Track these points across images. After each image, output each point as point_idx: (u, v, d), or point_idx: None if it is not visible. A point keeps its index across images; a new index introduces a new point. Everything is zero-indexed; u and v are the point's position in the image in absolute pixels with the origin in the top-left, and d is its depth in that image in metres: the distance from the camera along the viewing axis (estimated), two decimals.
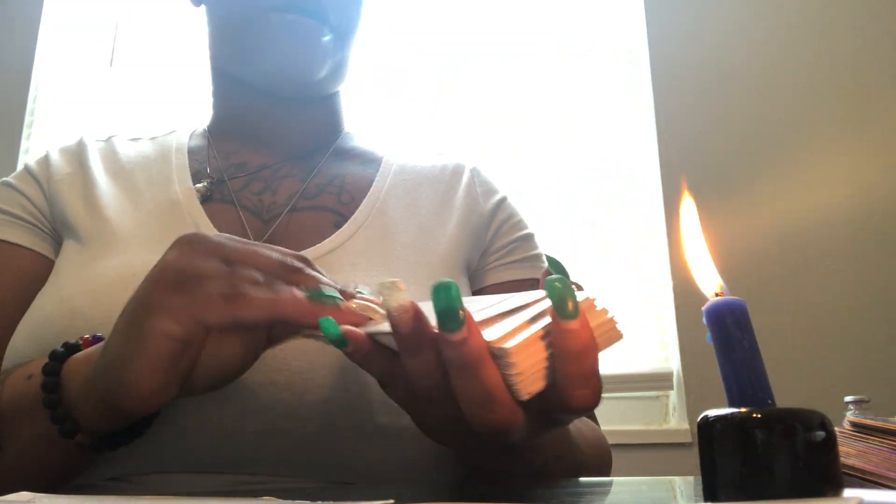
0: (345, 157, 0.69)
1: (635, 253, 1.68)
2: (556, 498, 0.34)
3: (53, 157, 0.65)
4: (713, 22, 1.76)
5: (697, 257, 0.33)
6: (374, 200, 0.64)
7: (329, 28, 0.62)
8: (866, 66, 1.68)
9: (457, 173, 0.69)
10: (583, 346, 0.32)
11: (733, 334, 0.29)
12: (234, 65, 0.66)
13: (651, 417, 1.60)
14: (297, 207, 0.62)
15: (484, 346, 0.31)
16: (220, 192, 0.63)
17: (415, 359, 0.34)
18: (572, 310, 0.32)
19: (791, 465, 0.26)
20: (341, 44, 0.65)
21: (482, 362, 0.31)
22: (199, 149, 0.68)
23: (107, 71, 1.98)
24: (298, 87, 0.66)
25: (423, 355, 0.34)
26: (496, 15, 1.88)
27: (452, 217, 0.64)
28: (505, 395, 0.32)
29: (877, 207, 1.59)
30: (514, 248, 0.66)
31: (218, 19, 0.66)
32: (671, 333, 1.61)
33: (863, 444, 0.59)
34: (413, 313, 0.33)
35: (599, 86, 1.79)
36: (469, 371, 0.31)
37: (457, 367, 0.32)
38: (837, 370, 1.50)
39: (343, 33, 0.64)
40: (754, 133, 1.67)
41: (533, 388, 0.32)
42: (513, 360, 0.31)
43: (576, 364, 0.32)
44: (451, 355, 0.32)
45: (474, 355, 0.31)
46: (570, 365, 0.32)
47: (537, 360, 0.32)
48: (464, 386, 0.32)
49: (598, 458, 0.57)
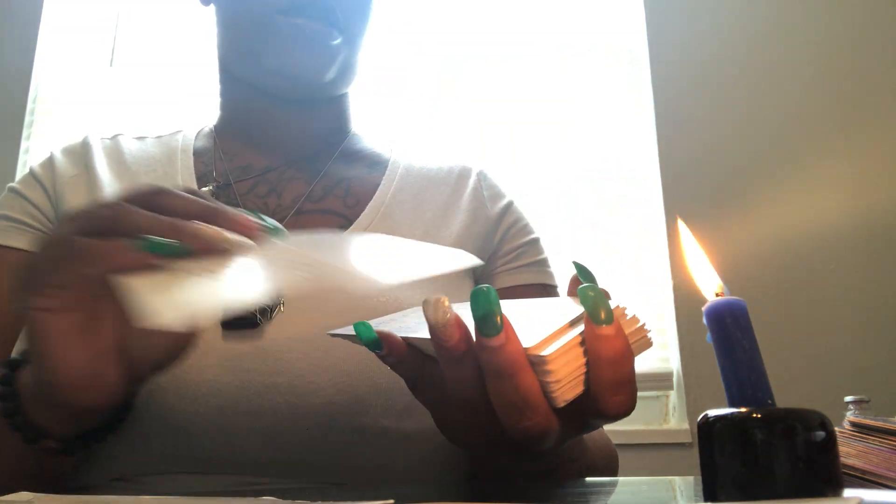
0: (351, 159, 0.69)
1: (635, 254, 1.68)
2: (557, 498, 0.34)
3: (58, 158, 0.64)
4: (713, 22, 1.76)
5: (698, 266, 0.33)
6: (380, 204, 0.64)
7: (338, 31, 0.62)
8: (868, 67, 1.68)
9: (463, 176, 0.69)
10: (618, 353, 0.32)
11: (733, 334, 0.29)
12: (241, 66, 0.66)
13: (651, 417, 1.60)
14: (303, 210, 0.62)
15: (522, 353, 0.31)
16: (226, 195, 0.62)
17: (455, 369, 0.34)
18: (606, 317, 0.32)
19: (791, 466, 0.26)
20: (350, 46, 0.64)
21: (519, 368, 0.31)
22: (205, 150, 0.67)
23: (107, 71, 1.98)
24: (306, 90, 0.65)
25: (463, 365, 0.34)
26: (496, 15, 1.88)
27: (457, 220, 0.64)
28: (542, 401, 0.32)
29: (878, 208, 1.59)
30: (522, 253, 0.66)
31: (226, 20, 0.66)
32: (671, 333, 1.61)
33: (863, 444, 0.59)
34: (459, 330, 0.33)
35: (599, 86, 1.79)
36: (506, 377, 0.31)
37: (494, 372, 0.32)
38: (837, 370, 1.50)
39: (352, 36, 0.64)
40: (755, 134, 1.67)
41: (570, 396, 0.32)
42: (550, 367, 0.31)
43: (611, 371, 0.32)
44: (489, 361, 0.32)
45: (512, 361, 0.31)
46: (605, 371, 0.32)
47: (574, 368, 0.32)
48: (500, 392, 0.32)
49: (606, 460, 0.57)
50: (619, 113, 1.77)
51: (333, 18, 0.61)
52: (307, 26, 0.60)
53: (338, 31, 0.62)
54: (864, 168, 1.62)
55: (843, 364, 1.51)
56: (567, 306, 0.35)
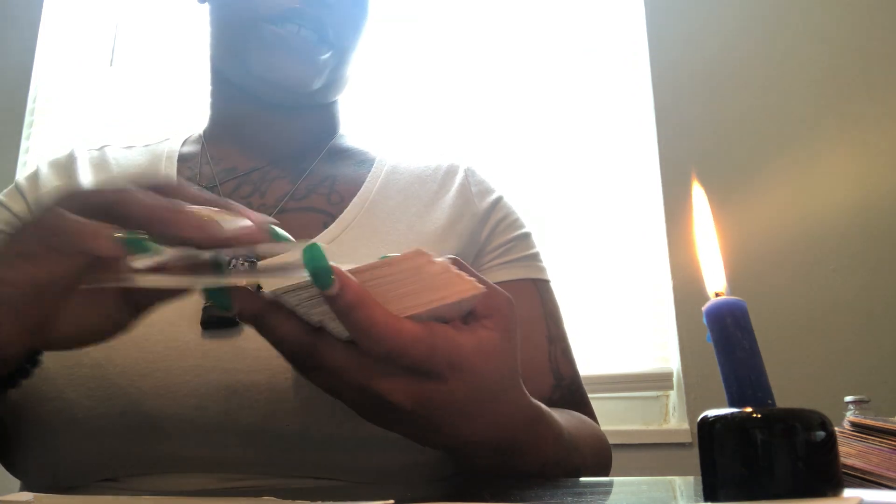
0: (338, 157, 0.69)
1: (635, 253, 1.68)
2: (556, 498, 0.34)
3: (43, 171, 0.65)
4: (714, 22, 1.76)
5: (708, 251, 0.32)
6: (364, 200, 0.64)
7: (328, 45, 0.62)
8: (869, 67, 1.68)
9: (450, 173, 0.68)
10: (346, 306, 0.34)
11: (733, 334, 0.29)
12: (230, 68, 0.66)
13: (651, 417, 1.60)
14: (286, 209, 0.62)
15: (359, 289, 0.34)
16: None
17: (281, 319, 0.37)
18: (323, 276, 0.34)
19: (791, 465, 0.26)
20: (339, 59, 0.64)
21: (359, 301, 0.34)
22: (192, 155, 0.68)
23: (107, 71, 1.98)
24: (293, 97, 0.66)
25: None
26: (496, 15, 1.88)
27: (442, 216, 0.64)
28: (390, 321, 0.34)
29: (878, 207, 1.59)
30: (511, 248, 0.66)
31: (218, 21, 0.66)
32: (671, 333, 1.61)
33: (863, 444, 0.59)
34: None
35: (599, 87, 1.79)
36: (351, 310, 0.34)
37: (342, 313, 0.34)
38: (837, 370, 1.51)
39: (342, 49, 0.64)
40: (755, 134, 1.67)
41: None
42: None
43: (347, 320, 0.34)
44: (335, 308, 0.34)
45: (354, 298, 0.34)
46: (349, 328, 0.35)
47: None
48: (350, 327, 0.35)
49: (597, 460, 0.56)
50: (618, 114, 1.77)
51: (323, 32, 0.61)
52: (294, 36, 0.60)
53: (328, 45, 0.62)
54: (865, 170, 1.62)
55: (843, 364, 1.51)
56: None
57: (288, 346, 0.37)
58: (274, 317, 0.37)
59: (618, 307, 1.64)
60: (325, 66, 0.63)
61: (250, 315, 0.37)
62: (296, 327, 0.37)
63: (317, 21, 0.61)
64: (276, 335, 0.37)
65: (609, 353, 1.61)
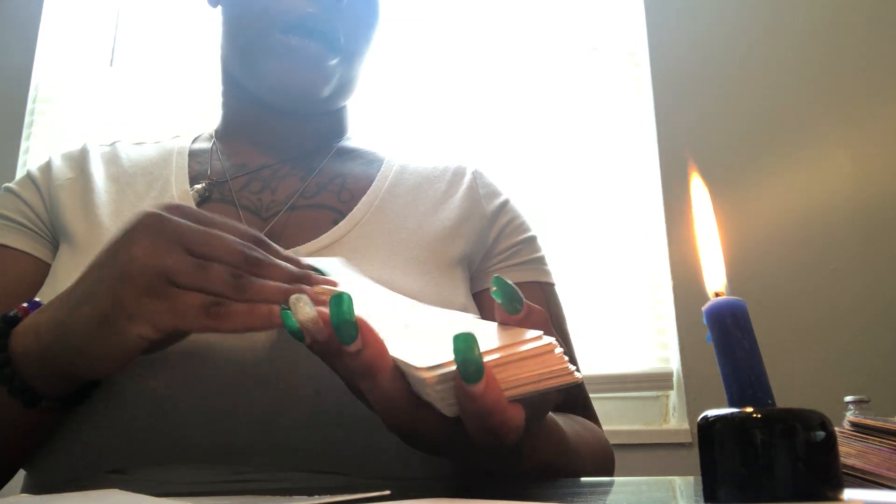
0: (347, 157, 0.70)
1: (635, 253, 1.68)
2: (556, 498, 0.34)
3: (55, 162, 0.65)
4: (714, 22, 1.76)
5: (708, 241, 0.32)
6: (374, 198, 0.64)
7: (337, 51, 0.63)
8: (870, 68, 1.68)
9: (458, 175, 0.69)
10: (482, 410, 0.31)
11: (733, 334, 0.29)
12: (241, 73, 0.67)
13: (651, 417, 1.60)
14: (297, 206, 0.63)
15: (382, 355, 0.33)
16: (220, 192, 0.63)
17: (336, 364, 0.37)
18: (474, 375, 0.30)
19: (791, 466, 0.26)
20: (348, 65, 0.65)
21: (378, 371, 0.33)
22: (202, 151, 0.68)
23: (107, 71, 1.98)
24: (302, 104, 0.66)
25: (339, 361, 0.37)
26: (496, 16, 1.88)
27: (450, 216, 0.64)
28: (403, 402, 0.34)
29: (878, 206, 1.59)
30: (517, 251, 0.66)
31: (230, 26, 0.66)
32: (671, 333, 1.61)
33: (863, 444, 0.59)
34: (328, 328, 0.35)
35: (600, 87, 1.79)
36: (367, 378, 0.34)
37: (358, 374, 0.34)
38: (837, 370, 1.51)
39: (351, 55, 0.65)
40: (755, 133, 1.67)
41: (450, 413, 0.33)
42: (431, 389, 0.32)
43: (477, 423, 0.32)
44: (351, 364, 0.34)
45: (369, 365, 0.33)
46: (471, 422, 0.33)
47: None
48: (365, 390, 0.34)
49: (598, 463, 0.56)
50: (619, 114, 1.77)
51: (334, 39, 0.62)
52: (304, 48, 0.61)
53: (337, 51, 0.62)
54: (865, 170, 1.62)
55: (843, 364, 1.51)
56: (485, 330, 0.35)
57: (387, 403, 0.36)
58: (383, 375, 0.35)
59: (618, 307, 1.64)
60: (334, 72, 0.63)
61: (320, 349, 0.38)
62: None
63: (328, 30, 0.61)
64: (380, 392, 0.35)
65: (609, 353, 1.61)
